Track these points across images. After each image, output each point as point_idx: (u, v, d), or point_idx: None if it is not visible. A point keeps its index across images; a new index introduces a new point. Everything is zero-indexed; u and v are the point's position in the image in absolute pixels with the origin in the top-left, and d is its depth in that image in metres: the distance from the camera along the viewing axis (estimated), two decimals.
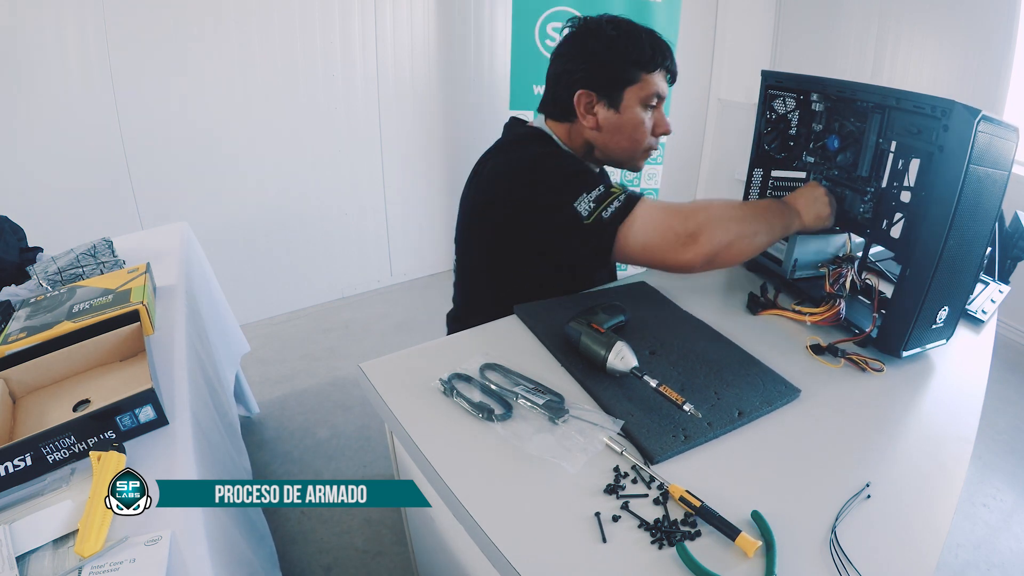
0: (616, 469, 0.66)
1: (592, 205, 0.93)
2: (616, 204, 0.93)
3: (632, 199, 0.94)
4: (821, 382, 0.84)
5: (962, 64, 2.64)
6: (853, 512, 0.61)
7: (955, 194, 0.77)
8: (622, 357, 0.78)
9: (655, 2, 2.44)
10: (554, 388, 0.78)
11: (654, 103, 1.05)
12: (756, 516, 0.59)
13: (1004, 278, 1.11)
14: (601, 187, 0.95)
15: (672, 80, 1.07)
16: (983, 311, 1.01)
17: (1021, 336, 2.54)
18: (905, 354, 0.87)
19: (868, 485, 0.64)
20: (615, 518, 0.60)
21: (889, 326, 0.89)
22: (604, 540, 0.58)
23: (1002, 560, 1.56)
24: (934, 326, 0.88)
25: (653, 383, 0.75)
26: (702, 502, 0.60)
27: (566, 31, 1.07)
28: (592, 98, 1.04)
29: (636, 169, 1.14)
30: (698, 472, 0.66)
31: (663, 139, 1.16)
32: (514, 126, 1.17)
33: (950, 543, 1.59)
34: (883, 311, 0.91)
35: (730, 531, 0.57)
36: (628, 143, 1.07)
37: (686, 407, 0.71)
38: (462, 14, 2.71)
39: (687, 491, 0.61)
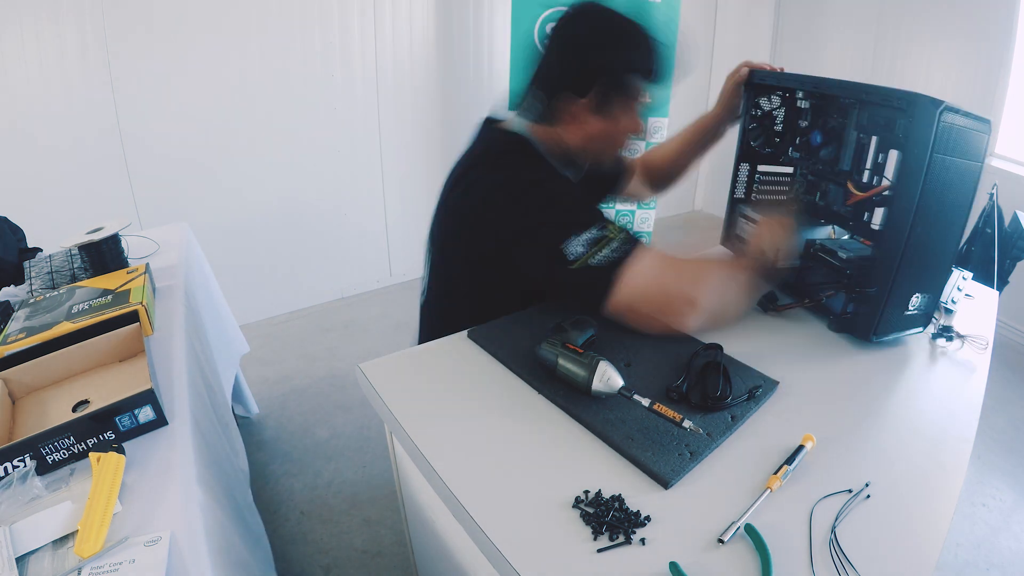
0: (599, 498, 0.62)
1: (580, 249, 0.86)
2: (608, 251, 0.87)
3: (628, 245, 0.88)
4: (794, 371, 0.84)
5: (961, 64, 2.64)
6: (853, 512, 0.61)
7: (919, 181, 0.80)
8: (608, 379, 0.73)
9: (654, 2, 2.43)
10: (535, 417, 0.75)
11: (642, 108, 0.99)
12: (750, 530, 0.58)
13: (1004, 278, 1.10)
14: (595, 228, 0.88)
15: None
16: (952, 300, 1.01)
17: (1021, 336, 2.54)
18: (876, 339, 0.89)
19: (868, 485, 0.64)
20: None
21: (860, 311, 0.90)
22: (594, 539, 0.58)
23: (1002, 560, 1.56)
24: (908, 312, 0.89)
25: (645, 403, 0.70)
26: None
27: (559, 24, 0.97)
28: (584, 104, 0.95)
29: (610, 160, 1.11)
30: (703, 487, 0.65)
31: None
32: (491, 132, 1.06)
33: (950, 542, 1.59)
34: (855, 295, 0.92)
35: None
36: (612, 149, 1.05)
37: (685, 424, 0.67)
38: (461, 14, 2.71)
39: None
